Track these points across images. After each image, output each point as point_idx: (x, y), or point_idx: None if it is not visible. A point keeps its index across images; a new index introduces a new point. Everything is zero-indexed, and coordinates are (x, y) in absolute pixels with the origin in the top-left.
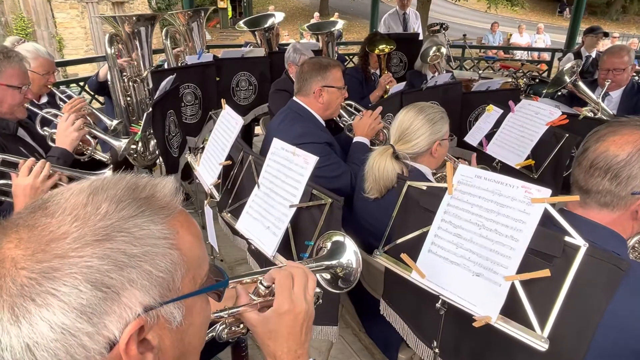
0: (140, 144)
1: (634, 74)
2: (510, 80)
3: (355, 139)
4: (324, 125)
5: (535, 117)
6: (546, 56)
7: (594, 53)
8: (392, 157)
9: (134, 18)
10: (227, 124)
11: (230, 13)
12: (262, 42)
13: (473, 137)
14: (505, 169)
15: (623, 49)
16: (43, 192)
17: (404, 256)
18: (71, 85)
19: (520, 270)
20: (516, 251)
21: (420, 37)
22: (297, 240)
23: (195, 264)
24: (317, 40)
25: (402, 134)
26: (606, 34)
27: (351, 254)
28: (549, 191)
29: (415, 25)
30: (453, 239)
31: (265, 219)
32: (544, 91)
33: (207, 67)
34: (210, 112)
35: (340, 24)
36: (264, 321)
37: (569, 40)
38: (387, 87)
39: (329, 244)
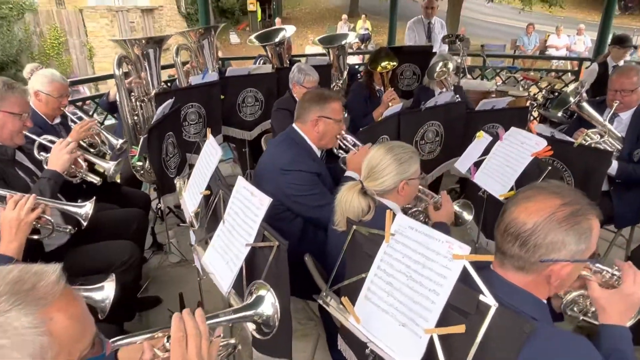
0: (147, 161)
1: None
2: (526, 94)
3: (346, 173)
4: (319, 154)
5: (521, 146)
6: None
7: (621, 63)
8: (359, 192)
9: (144, 41)
10: (209, 154)
11: (260, 16)
12: (273, 56)
13: (462, 163)
14: (492, 200)
15: (632, 69)
16: (27, 225)
17: (344, 300)
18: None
19: (440, 323)
20: (436, 305)
21: (437, 49)
22: (249, 279)
23: (71, 342)
24: (328, 53)
25: (370, 171)
26: (636, 47)
27: (268, 306)
28: (468, 248)
29: (440, 36)
30: (385, 287)
31: (226, 254)
32: (550, 112)
33: (212, 86)
34: (197, 140)
35: (352, 36)
36: None
37: (597, 47)
38: (390, 104)
39: (253, 295)
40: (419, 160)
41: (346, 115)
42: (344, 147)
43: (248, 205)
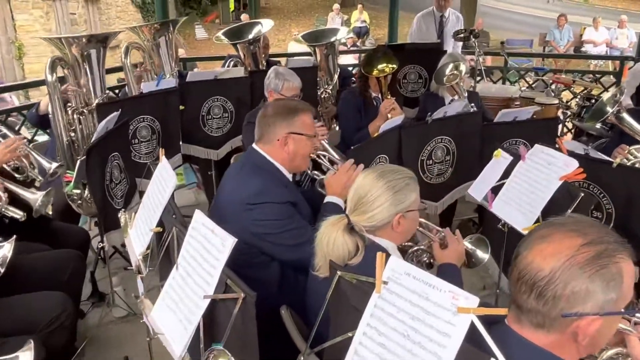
0: (86, 189)
1: None
2: (557, 102)
3: (326, 199)
4: (290, 179)
5: (548, 168)
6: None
7: None
8: (345, 229)
9: (84, 40)
10: (162, 181)
11: (232, 5)
12: (246, 57)
13: (477, 189)
14: (514, 233)
15: None
16: None
17: None
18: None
19: None
20: None
21: (449, 48)
22: (207, 340)
23: None
24: (314, 52)
25: (357, 203)
26: None
27: None
28: (476, 299)
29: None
30: (377, 349)
31: (179, 309)
32: (585, 123)
33: (169, 94)
34: (148, 163)
35: (344, 32)
36: None
37: None
38: (389, 115)
39: None
40: (418, 187)
41: (336, 128)
42: (321, 165)
43: (207, 247)
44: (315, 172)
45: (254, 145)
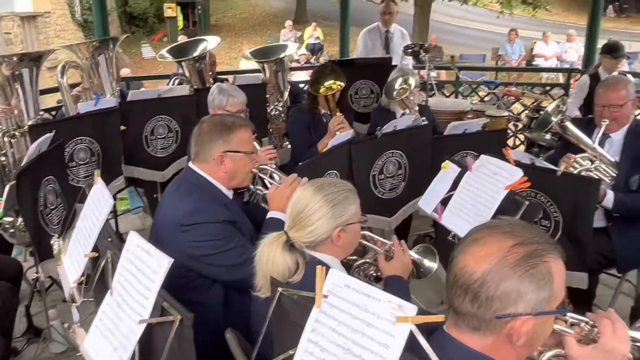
0: (18, 216)
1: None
2: (507, 114)
3: (269, 215)
4: (231, 197)
5: (494, 178)
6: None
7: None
8: (284, 246)
9: (15, 59)
10: (97, 203)
11: (181, 23)
12: (192, 75)
13: (427, 202)
14: None
15: (620, 80)
16: None
17: None
18: None
19: None
20: None
21: (397, 64)
22: None
23: None
24: (263, 69)
25: (295, 219)
26: (628, 56)
27: None
28: (414, 308)
29: (401, 48)
30: None
31: (114, 336)
32: (532, 135)
33: (109, 114)
34: (83, 185)
35: (293, 47)
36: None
37: (586, 56)
38: (338, 132)
39: None
40: (358, 199)
41: (288, 145)
42: (264, 180)
43: (142, 269)
44: (259, 187)
45: (190, 164)
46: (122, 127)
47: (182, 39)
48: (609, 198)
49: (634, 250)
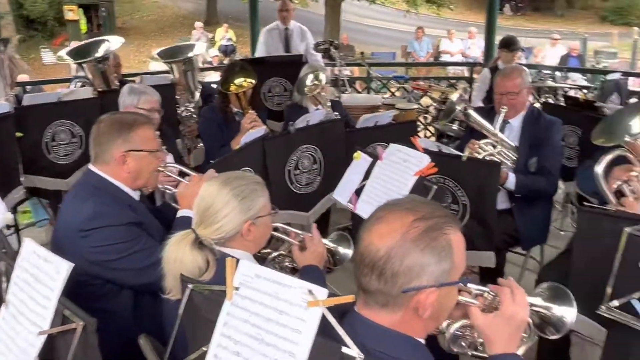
0: None
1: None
2: (416, 106)
3: (178, 213)
4: (137, 198)
5: (404, 165)
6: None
7: None
8: (193, 245)
9: None
10: None
11: (84, 27)
12: (95, 77)
13: (341, 193)
14: None
15: (515, 70)
16: None
17: None
18: None
19: None
20: None
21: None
22: None
23: None
24: (171, 69)
25: (203, 215)
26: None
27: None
28: (325, 291)
29: (302, 46)
30: (232, 358)
31: (11, 352)
32: (439, 124)
33: (2, 120)
34: None
35: (202, 47)
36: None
37: (486, 51)
38: (251, 130)
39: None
40: (267, 191)
41: (202, 146)
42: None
43: (40, 277)
44: (167, 186)
45: (89, 165)
46: (19, 134)
47: (74, 44)
48: (511, 180)
49: (536, 228)
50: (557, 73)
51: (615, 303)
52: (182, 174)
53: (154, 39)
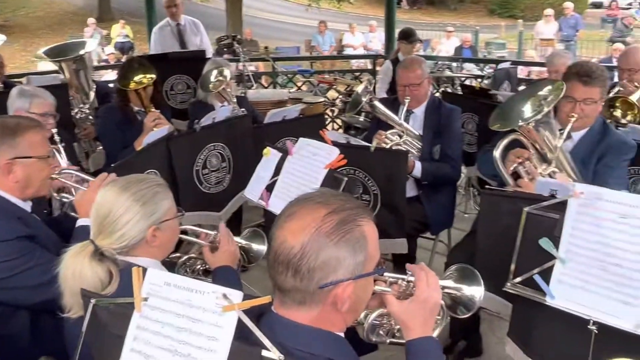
0: None
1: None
2: (322, 100)
3: (78, 223)
4: (28, 209)
5: (314, 158)
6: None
7: None
8: (92, 256)
9: None
10: None
11: None
12: None
13: (252, 190)
14: None
15: (415, 61)
16: None
17: None
18: None
19: None
20: None
21: (210, 54)
22: None
23: None
24: (61, 69)
25: (102, 224)
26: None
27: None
28: (240, 294)
29: (197, 39)
30: None
31: None
32: (346, 117)
33: None
34: None
35: (93, 43)
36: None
37: (387, 44)
38: (155, 128)
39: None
40: (171, 193)
41: (100, 148)
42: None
43: None
44: (64, 194)
45: None
46: None
47: None
48: (418, 168)
49: (443, 213)
50: (453, 64)
51: (519, 279)
52: (79, 180)
53: (42, 37)
